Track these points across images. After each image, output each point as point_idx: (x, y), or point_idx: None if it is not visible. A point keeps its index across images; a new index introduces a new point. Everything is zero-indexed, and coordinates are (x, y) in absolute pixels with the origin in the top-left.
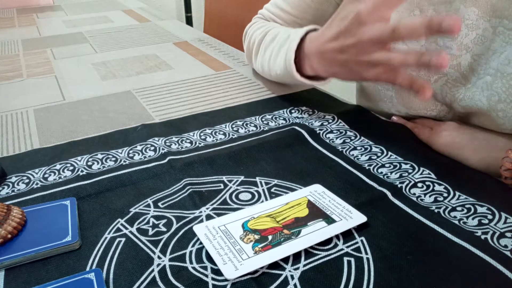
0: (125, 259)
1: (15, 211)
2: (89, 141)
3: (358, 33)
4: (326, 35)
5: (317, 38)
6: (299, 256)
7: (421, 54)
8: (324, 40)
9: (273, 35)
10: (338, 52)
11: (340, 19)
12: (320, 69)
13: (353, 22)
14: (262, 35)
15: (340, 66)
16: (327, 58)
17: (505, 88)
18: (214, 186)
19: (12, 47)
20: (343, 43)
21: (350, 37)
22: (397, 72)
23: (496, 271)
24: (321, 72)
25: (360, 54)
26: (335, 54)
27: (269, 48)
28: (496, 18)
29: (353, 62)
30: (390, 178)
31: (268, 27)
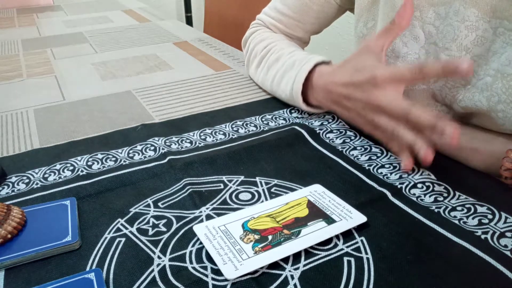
0: (125, 259)
1: (15, 211)
2: (89, 141)
3: (369, 93)
4: (337, 78)
5: (327, 76)
6: (299, 256)
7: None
8: (333, 81)
9: (277, 55)
10: (345, 98)
11: (355, 70)
12: (323, 103)
13: (367, 81)
14: (265, 51)
15: (344, 109)
16: (333, 98)
17: (505, 88)
18: (214, 186)
19: (12, 47)
20: (352, 93)
21: (360, 92)
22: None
23: (496, 271)
24: (324, 106)
25: (366, 111)
26: (342, 98)
27: (273, 69)
28: (496, 19)
29: (356, 112)
30: (390, 178)
31: (271, 41)
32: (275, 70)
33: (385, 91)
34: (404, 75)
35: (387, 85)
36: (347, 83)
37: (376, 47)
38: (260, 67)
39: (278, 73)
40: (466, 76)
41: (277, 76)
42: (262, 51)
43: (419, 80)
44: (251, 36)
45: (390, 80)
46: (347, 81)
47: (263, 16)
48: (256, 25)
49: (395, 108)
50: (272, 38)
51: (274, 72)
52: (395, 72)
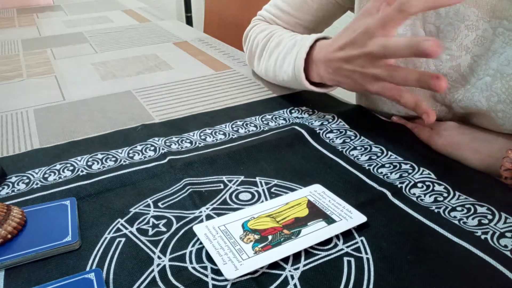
0: (125, 259)
1: (15, 211)
2: (89, 141)
3: (364, 45)
4: (335, 44)
5: (326, 47)
6: (299, 256)
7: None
8: (332, 49)
9: (277, 40)
10: (344, 61)
11: (351, 31)
12: (326, 77)
13: (362, 34)
14: (266, 39)
15: (346, 76)
16: (333, 67)
17: (504, 88)
18: (214, 186)
19: (12, 47)
20: (349, 53)
21: (356, 48)
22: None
23: (496, 271)
24: (327, 80)
25: (365, 67)
26: (342, 63)
27: (274, 53)
28: (496, 19)
29: (358, 73)
30: (390, 178)
31: (271, 30)
32: (277, 53)
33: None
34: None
35: (379, 33)
36: (344, 45)
37: (373, 8)
38: (262, 56)
39: (280, 56)
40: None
41: (279, 58)
42: (263, 40)
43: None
44: (251, 29)
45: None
46: (344, 42)
47: (264, 12)
48: (257, 21)
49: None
50: (272, 27)
51: (276, 56)
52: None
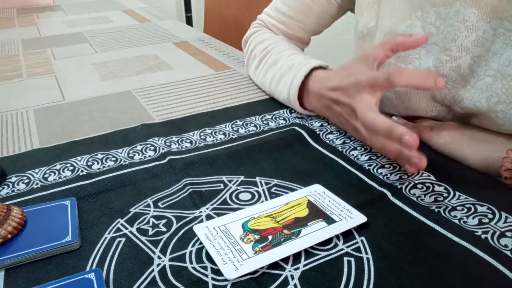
0: (125, 259)
1: (15, 211)
2: (89, 141)
3: (352, 97)
4: (329, 83)
5: (321, 81)
6: (299, 256)
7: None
8: (325, 86)
9: (275, 57)
10: (334, 103)
11: (345, 74)
12: (317, 109)
13: (353, 85)
14: (264, 53)
15: (334, 115)
16: (324, 103)
17: (504, 89)
18: (214, 186)
19: (12, 47)
20: (339, 97)
21: (345, 96)
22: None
23: (496, 270)
24: (318, 111)
25: (350, 116)
26: (332, 103)
27: (271, 71)
28: (497, 20)
29: (343, 118)
30: (390, 178)
31: (270, 42)
32: (273, 72)
33: (363, 96)
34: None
35: (365, 91)
36: (336, 87)
37: (371, 56)
38: (259, 68)
39: (276, 76)
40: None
41: (275, 78)
42: (261, 53)
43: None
44: (251, 36)
45: (367, 85)
46: (337, 85)
47: (264, 16)
48: (257, 25)
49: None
50: (272, 39)
51: (272, 74)
52: (370, 77)
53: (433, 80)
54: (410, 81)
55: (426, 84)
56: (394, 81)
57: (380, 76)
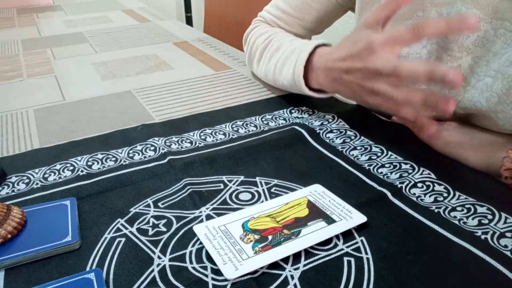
0: (125, 259)
1: (15, 211)
2: (89, 141)
3: (366, 59)
4: (336, 54)
5: (326, 55)
6: (299, 256)
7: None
8: (332, 58)
9: (277, 44)
10: (345, 72)
11: (352, 42)
12: (325, 85)
13: (364, 48)
14: (266, 43)
15: (345, 85)
16: (333, 76)
17: (505, 89)
18: (214, 186)
19: (12, 47)
20: (351, 65)
21: (358, 61)
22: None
23: (496, 271)
24: (326, 87)
25: (365, 80)
26: (342, 73)
27: (274, 58)
28: (498, 20)
29: (357, 85)
30: (390, 178)
31: (271, 33)
32: (276, 58)
33: (381, 54)
34: (402, 34)
35: (383, 49)
36: (345, 56)
37: (372, 21)
38: (262, 59)
39: (279, 61)
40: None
41: (278, 63)
42: (263, 43)
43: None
44: (252, 31)
45: (386, 42)
46: (345, 54)
47: (265, 13)
48: (258, 22)
49: (387, 66)
50: (272, 30)
51: (275, 60)
52: (392, 33)
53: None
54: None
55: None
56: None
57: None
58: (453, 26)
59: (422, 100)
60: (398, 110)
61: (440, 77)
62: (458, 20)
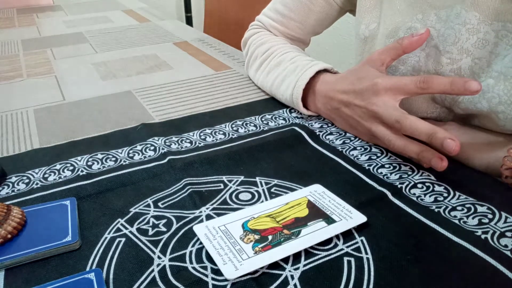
0: (125, 259)
1: (15, 211)
2: (89, 141)
3: (368, 99)
4: (339, 86)
5: (330, 84)
6: (299, 256)
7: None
8: (335, 88)
9: (278, 59)
10: (344, 105)
11: (358, 78)
12: (322, 111)
13: (368, 88)
14: (267, 54)
15: (342, 118)
16: (332, 105)
17: (507, 90)
18: (214, 186)
19: (12, 47)
20: (352, 100)
21: (359, 99)
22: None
23: (496, 271)
24: (322, 113)
25: (363, 119)
26: (341, 105)
27: (273, 73)
28: (499, 22)
29: (355, 120)
30: (390, 178)
31: (272, 44)
32: (276, 74)
33: (383, 99)
34: (407, 86)
35: (386, 94)
36: (348, 90)
37: (378, 61)
38: (260, 70)
39: (278, 77)
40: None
41: (277, 80)
42: (263, 55)
43: (421, 92)
44: (250, 38)
45: (391, 89)
46: (348, 88)
47: (263, 18)
48: (256, 27)
49: (389, 117)
50: (273, 41)
51: (274, 76)
52: (397, 81)
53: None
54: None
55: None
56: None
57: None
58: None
59: (417, 154)
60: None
61: (439, 143)
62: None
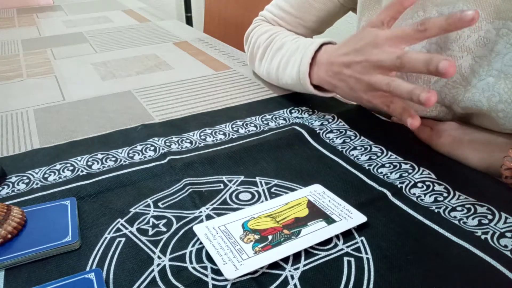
0: (125, 259)
1: (15, 211)
2: (89, 141)
3: (369, 53)
4: (340, 50)
5: (331, 51)
6: (299, 256)
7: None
8: (336, 53)
9: (280, 42)
10: (345, 66)
11: (357, 39)
12: (324, 80)
13: (369, 43)
14: (268, 41)
15: (343, 80)
16: (334, 70)
17: (507, 88)
18: (214, 186)
19: (12, 47)
20: (352, 59)
21: (360, 55)
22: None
23: (496, 271)
24: (324, 82)
25: (363, 73)
26: (342, 67)
27: (277, 56)
28: (500, 20)
29: (354, 79)
30: (390, 178)
31: (273, 32)
32: (280, 56)
33: (384, 48)
34: (406, 31)
35: (387, 44)
36: (349, 51)
37: (378, 22)
38: (264, 57)
39: (283, 59)
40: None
41: (282, 61)
42: (265, 42)
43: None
44: (253, 30)
45: (391, 37)
46: (349, 49)
47: (266, 13)
48: (259, 21)
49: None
50: (274, 29)
51: (279, 59)
52: (397, 30)
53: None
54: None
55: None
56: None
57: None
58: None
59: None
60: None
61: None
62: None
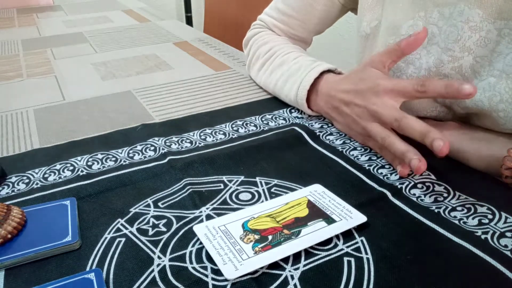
0: (125, 259)
1: (15, 211)
2: (89, 141)
3: (369, 100)
4: (341, 85)
5: (332, 83)
6: (299, 256)
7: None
8: (337, 87)
9: (282, 58)
10: (345, 104)
11: (360, 78)
12: (323, 111)
13: (370, 88)
14: (269, 54)
15: (341, 116)
16: (333, 104)
17: (508, 88)
18: (214, 186)
19: (12, 47)
20: (351, 99)
21: (360, 98)
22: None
23: (496, 271)
24: (323, 113)
25: (361, 118)
26: (341, 104)
27: (276, 73)
28: (502, 20)
29: (352, 119)
30: (390, 179)
31: (275, 44)
32: (279, 73)
33: (384, 100)
34: (406, 89)
35: (387, 95)
36: (349, 90)
37: (379, 63)
38: (262, 69)
39: (282, 77)
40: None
41: (280, 80)
42: (265, 54)
43: (420, 96)
44: (253, 37)
45: (391, 91)
46: (350, 88)
47: (265, 17)
48: (258, 26)
49: (389, 115)
50: (275, 41)
51: (278, 76)
52: (397, 84)
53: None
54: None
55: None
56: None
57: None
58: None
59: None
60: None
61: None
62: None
